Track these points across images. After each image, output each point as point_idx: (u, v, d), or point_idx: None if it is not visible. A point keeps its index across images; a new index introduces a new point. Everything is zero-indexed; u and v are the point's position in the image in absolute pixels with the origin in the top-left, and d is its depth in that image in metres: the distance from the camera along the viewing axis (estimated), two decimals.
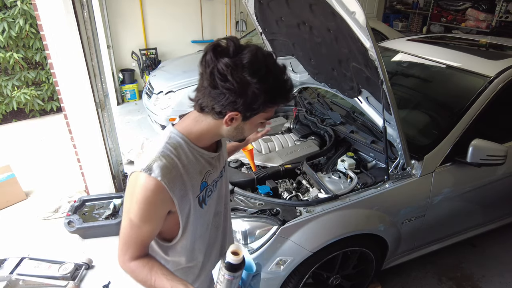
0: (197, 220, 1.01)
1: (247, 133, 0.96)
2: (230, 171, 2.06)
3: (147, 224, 0.90)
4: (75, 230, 2.65)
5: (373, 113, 2.02)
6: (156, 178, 0.85)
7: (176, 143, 0.92)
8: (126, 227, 0.92)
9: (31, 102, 4.72)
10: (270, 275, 1.69)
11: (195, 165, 0.95)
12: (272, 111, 0.93)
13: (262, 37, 2.59)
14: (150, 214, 0.89)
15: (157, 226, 0.93)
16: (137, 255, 0.94)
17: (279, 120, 2.72)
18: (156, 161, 0.87)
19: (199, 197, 0.98)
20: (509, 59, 2.15)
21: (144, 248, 0.95)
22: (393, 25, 7.93)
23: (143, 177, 0.86)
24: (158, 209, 0.90)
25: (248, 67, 0.80)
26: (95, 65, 2.63)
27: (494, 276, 2.42)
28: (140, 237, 0.92)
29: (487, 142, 1.79)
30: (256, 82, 0.81)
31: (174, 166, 0.89)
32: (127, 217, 0.90)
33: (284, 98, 0.90)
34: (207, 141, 0.98)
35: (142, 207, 0.87)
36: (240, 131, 0.94)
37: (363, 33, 1.43)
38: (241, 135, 0.97)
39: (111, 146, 2.96)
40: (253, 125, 0.95)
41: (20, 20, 4.21)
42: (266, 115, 0.92)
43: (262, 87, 0.82)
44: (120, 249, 0.95)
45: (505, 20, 6.03)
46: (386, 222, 1.84)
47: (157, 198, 0.87)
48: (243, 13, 6.32)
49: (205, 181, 0.99)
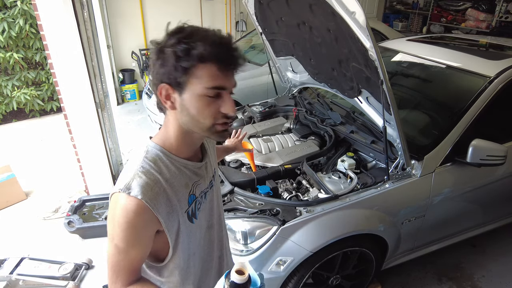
0: (188, 237, 0.93)
1: (195, 112, 0.80)
2: (230, 171, 2.06)
3: (134, 248, 0.82)
4: (75, 230, 2.65)
5: (373, 113, 2.02)
6: (136, 197, 0.77)
7: (154, 157, 0.85)
8: (113, 254, 0.83)
9: (31, 102, 4.72)
10: (270, 275, 1.69)
11: (179, 177, 0.87)
12: (211, 76, 0.77)
13: (262, 37, 2.59)
14: (136, 237, 0.81)
15: (145, 248, 0.85)
16: (129, 281, 0.86)
17: (279, 120, 2.72)
18: (134, 179, 0.80)
19: (188, 212, 0.90)
20: (509, 59, 2.15)
21: (135, 273, 0.87)
22: (393, 25, 7.93)
23: (122, 197, 0.78)
24: (143, 230, 0.81)
25: (166, 34, 0.78)
26: (95, 65, 2.64)
27: (494, 276, 2.42)
28: (129, 263, 0.84)
29: (487, 142, 1.79)
30: (166, 41, 0.77)
31: (155, 182, 0.81)
32: (112, 244, 0.82)
33: (206, 50, 0.74)
34: (184, 148, 0.89)
35: (126, 231, 0.79)
36: (187, 112, 0.81)
37: (363, 33, 1.43)
38: (194, 120, 0.82)
39: (111, 146, 2.97)
40: (196, 100, 0.79)
41: (20, 20, 4.21)
42: (203, 82, 0.77)
43: (170, 42, 0.75)
44: (109, 277, 0.86)
45: (505, 20, 6.03)
46: (386, 222, 1.84)
47: (140, 219, 0.79)
48: (243, 13, 6.32)
49: (193, 194, 0.92)
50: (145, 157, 0.85)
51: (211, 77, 0.77)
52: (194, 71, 0.76)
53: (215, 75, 0.77)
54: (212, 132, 0.84)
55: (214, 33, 0.77)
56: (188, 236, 0.93)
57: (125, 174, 0.83)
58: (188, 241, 0.93)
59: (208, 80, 0.77)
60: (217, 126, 0.83)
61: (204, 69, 0.76)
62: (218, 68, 0.77)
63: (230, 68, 0.79)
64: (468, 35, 4.35)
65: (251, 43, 4.83)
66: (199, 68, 0.76)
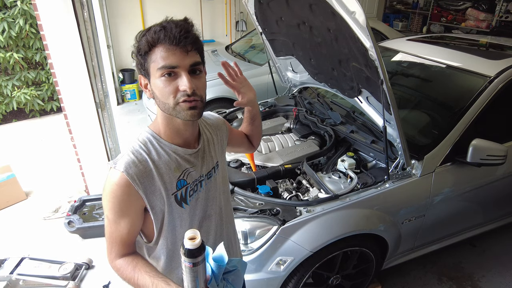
0: (175, 220, 0.97)
1: (158, 93, 0.88)
2: (230, 171, 2.06)
3: (122, 220, 0.91)
4: (75, 230, 2.65)
5: (373, 113, 2.02)
6: (119, 170, 0.87)
7: (145, 139, 0.95)
8: (106, 226, 0.94)
9: (31, 102, 4.72)
10: (270, 275, 1.69)
11: (168, 161, 0.94)
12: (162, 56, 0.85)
13: (262, 37, 2.59)
14: (122, 209, 0.89)
15: (134, 222, 0.93)
16: (122, 253, 0.95)
17: (279, 120, 2.72)
18: (123, 156, 0.90)
19: (176, 195, 0.95)
20: (509, 59, 2.15)
21: (128, 246, 0.95)
22: (393, 25, 7.93)
23: (110, 171, 0.89)
24: (127, 203, 0.89)
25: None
26: (95, 65, 2.63)
27: (494, 276, 2.42)
28: (120, 234, 0.92)
29: (487, 142, 1.79)
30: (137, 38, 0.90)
31: (141, 161, 0.90)
32: (106, 215, 0.93)
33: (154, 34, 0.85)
34: (170, 132, 0.95)
35: (112, 201, 0.89)
36: (155, 95, 0.90)
37: (363, 33, 1.43)
38: (161, 102, 0.89)
39: (111, 146, 2.96)
40: (157, 82, 0.87)
41: (20, 20, 4.21)
42: (156, 64, 0.86)
43: (138, 36, 0.90)
44: (106, 248, 0.96)
45: (505, 20, 6.03)
46: (386, 222, 1.84)
47: (123, 191, 0.87)
48: (243, 13, 6.32)
49: (183, 179, 0.96)
50: (137, 139, 0.95)
51: (161, 58, 0.85)
52: (150, 56, 0.87)
53: (164, 56, 0.85)
54: (178, 111, 0.88)
55: (166, 20, 0.88)
56: (175, 219, 0.97)
57: (119, 155, 0.93)
58: (174, 223, 0.98)
59: (159, 61, 0.85)
60: (181, 104, 0.87)
61: (154, 53, 0.86)
62: (166, 49, 0.85)
63: (178, 47, 0.85)
64: (468, 35, 4.35)
65: (251, 43, 4.83)
66: (152, 53, 0.86)
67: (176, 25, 0.85)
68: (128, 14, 5.36)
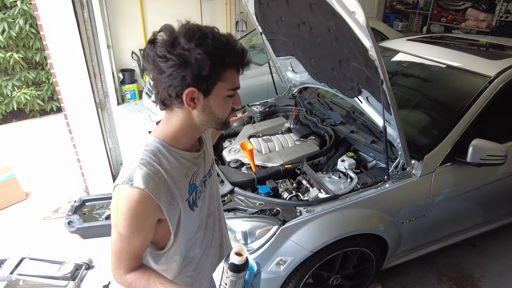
0: (189, 224, 0.98)
1: (218, 111, 0.89)
2: (230, 171, 2.06)
3: (137, 236, 0.88)
4: (75, 230, 2.65)
5: (373, 113, 2.02)
6: (139, 187, 0.82)
7: (154, 149, 0.89)
8: (116, 241, 0.89)
9: (31, 102, 4.72)
10: (270, 275, 1.69)
11: (179, 168, 0.92)
12: (233, 78, 0.87)
13: (262, 37, 2.59)
14: (138, 225, 0.87)
15: (147, 236, 0.91)
16: (132, 268, 0.92)
17: (279, 120, 2.72)
18: (136, 170, 0.84)
19: (189, 200, 0.95)
20: (509, 59, 2.15)
21: (138, 259, 0.93)
22: (393, 25, 7.92)
23: (126, 188, 0.83)
24: (145, 219, 0.87)
25: (182, 37, 0.79)
26: (95, 65, 2.64)
27: (494, 276, 2.42)
28: (132, 249, 0.90)
29: (487, 142, 1.79)
30: (194, 47, 0.78)
31: (156, 173, 0.86)
32: (116, 231, 0.88)
33: (234, 57, 0.84)
34: (185, 140, 0.94)
35: (128, 219, 0.84)
36: (209, 111, 0.88)
37: (363, 33, 1.43)
38: (215, 117, 0.90)
39: (111, 146, 2.97)
40: (220, 100, 0.88)
41: (20, 20, 4.21)
42: (228, 85, 0.86)
43: (202, 50, 0.79)
44: (113, 263, 0.92)
45: (505, 20, 6.03)
46: (386, 222, 1.84)
47: (143, 207, 0.84)
48: (243, 13, 6.32)
49: (193, 183, 0.97)
50: (145, 149, 0.89)
51: (234, 79, 0.88)
52: (222, 76, 0.85)
53: (235, 78, 0.88)
54: (224, 124, 0.94)
55: (230, 38, 0.86)
56: (188, 224, 0.98)
57: (127, 167, 0.87)
58: (188, 228, 0.98)
59: (231, 82, 0.87)
60: (228, 119, 0.95)
61: (229, 74, 0.86)
62: (237, 72, 0.88)
63: (243, 71, 0.90)
64: (468, 35, 4.35)
65: (251, 43, 4.83)
66: (226, 73, 0.85)
67: (242, 50, 0.87)
68: (128, 14, 5.36)
